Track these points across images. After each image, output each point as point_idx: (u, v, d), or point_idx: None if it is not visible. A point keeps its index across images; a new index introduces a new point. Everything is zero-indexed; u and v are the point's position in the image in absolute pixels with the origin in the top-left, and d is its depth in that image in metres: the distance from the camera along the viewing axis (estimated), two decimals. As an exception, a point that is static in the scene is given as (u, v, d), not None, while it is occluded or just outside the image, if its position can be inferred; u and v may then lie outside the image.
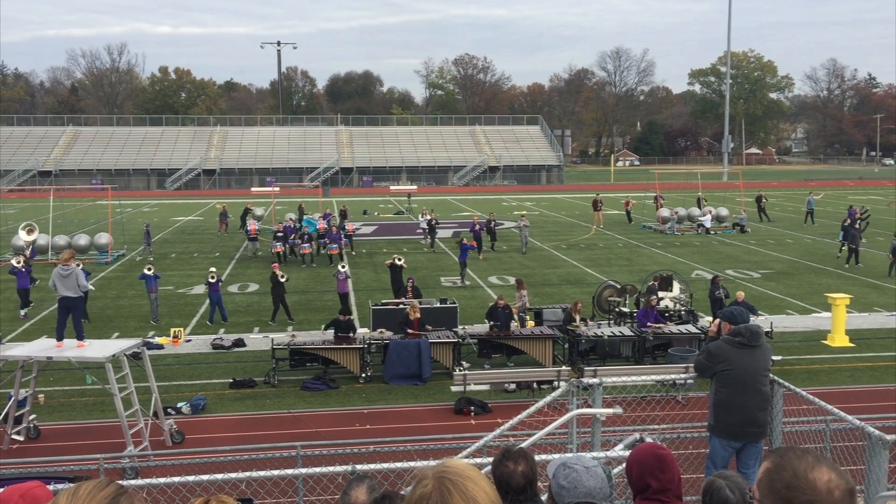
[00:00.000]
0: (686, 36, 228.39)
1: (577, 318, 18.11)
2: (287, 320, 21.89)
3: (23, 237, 29.58)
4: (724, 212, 42.82)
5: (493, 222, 36.17)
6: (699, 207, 44.04)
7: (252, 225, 33.88)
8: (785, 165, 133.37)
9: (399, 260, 23.28)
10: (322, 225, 33.88)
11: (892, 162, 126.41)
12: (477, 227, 33.74)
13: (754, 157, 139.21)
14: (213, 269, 22.91)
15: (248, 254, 33.89)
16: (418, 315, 17.42)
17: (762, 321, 20.17)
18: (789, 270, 29.38)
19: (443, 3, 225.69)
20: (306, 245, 31.94)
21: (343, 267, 22.73)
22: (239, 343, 19.53)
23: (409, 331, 17.17)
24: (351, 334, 17.24)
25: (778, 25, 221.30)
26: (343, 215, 39.62)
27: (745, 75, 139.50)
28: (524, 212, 45.92)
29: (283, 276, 22.21)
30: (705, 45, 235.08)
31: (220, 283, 21.85)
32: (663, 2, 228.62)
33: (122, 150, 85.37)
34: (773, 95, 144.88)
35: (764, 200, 46.34)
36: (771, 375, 7.08)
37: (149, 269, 22.09)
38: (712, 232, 40.42)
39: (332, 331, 17.52)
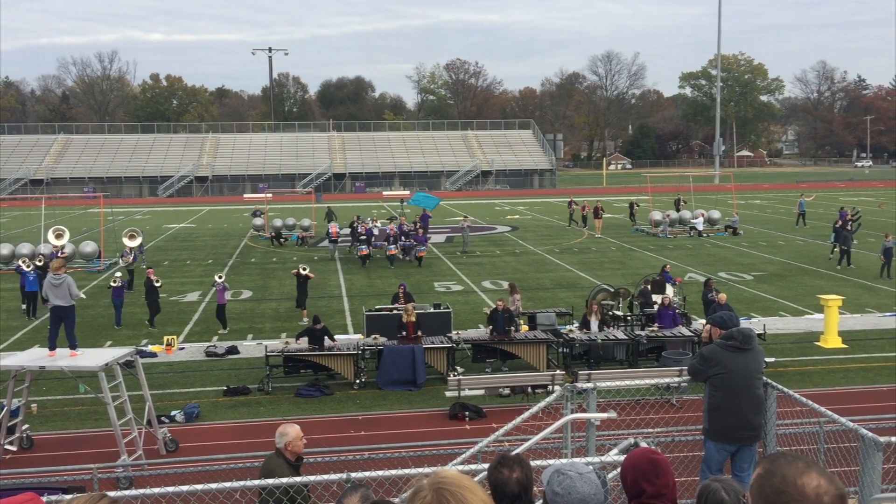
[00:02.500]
0: (677, 39, 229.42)
1: (595, 321, 18.04)
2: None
3: (52, 241, 29.53)
4: (715, 214, 42.95)
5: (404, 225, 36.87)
6: (677, 210, 44.19)
7: (334, 228, 34.88)
8: (776, 168, 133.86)
9: (304, 270, 22.96)
10: (392, 228, 34.11)
11: (867, 164, 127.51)
12: (405, 226, 34.18)
13: (745, 159, 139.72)
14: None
15: (328, 256, 34.56)
16: (413, 318, 17.37)
17: (755, 323, 20.23)
18: (781, 272, 29.47)
19: (436, 8, 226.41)
20: (392, 247, 32.45)
21: (220, 277, 21.86)
22: (232, 350, 19.48)
23: (404, 333, 17.13)
24: (326, 342, 17.00)
25: (768, 28, 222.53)
26: (330, 216, 40.00)
27: (735, 78, 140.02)
28: (465, 214, 46.47)
29: (304, 269, 22.52)
30: (696, 48, 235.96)
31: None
32: (654, 6, 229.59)
33: (114, 157, 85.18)
34: (764, 98, 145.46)
35: (636, 206, 45.57)
36: (764, 378, 7.10)
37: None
38: (704, 234, 40.51)
39: (306, 340, 17.23)
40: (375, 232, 33.99)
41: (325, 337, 17.01)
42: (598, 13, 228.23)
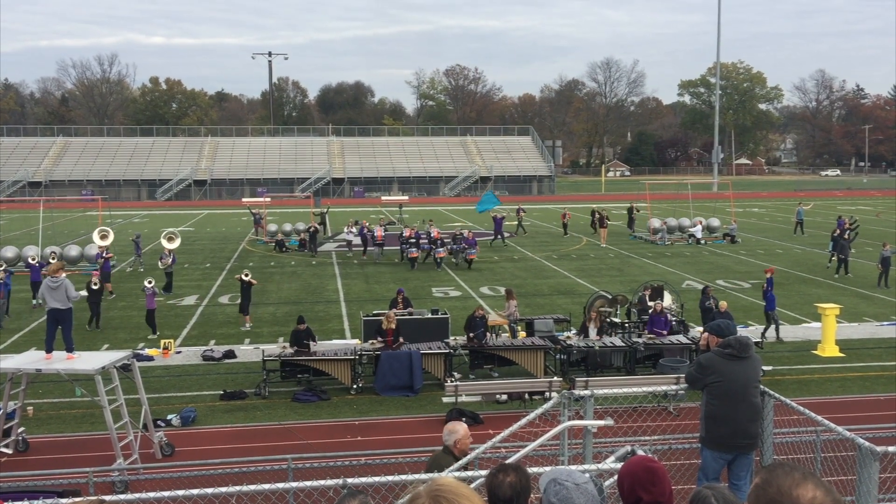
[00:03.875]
0: (676, 47, 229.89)
1: (593, 328, 18.06)
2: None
3: (97, 241, 29.66)
4: (714, 222, 42.99)
5: (364, 228, 37.83)
6: (629, 215, 44.19)
7: (379, 231, 35.50)
8: (774, 176, 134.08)
9: (246, 276, 22.97)
10: (437, 232, 34.64)
11: (837, 173, 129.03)
12: (365, 229, 36.38)
13: (744, 167, 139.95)
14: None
15: (374, 258, 34.99)
16: (393, 325, 17.34)
17: (752, 332, 20.24)
18: (779, 281, 29.41)
19: (436, 14, 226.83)
20: (441, 249, 32.95)
21: (150, 282, 21.94)
22: (229, 354, 19.46)
23: (379, 338, 17.15)
24: (311, 343, 17.10)
25: (767, 37, 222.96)
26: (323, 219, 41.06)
27: (734, 86, 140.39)
28: (431, 219, 46.93)
29: (247, 275, 22.55)
30: (695, 56, 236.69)
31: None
32: (654, 13, 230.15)
33: (113, 160, 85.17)
34: (763, 106, 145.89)
35: (636, 211, 45.06)
36: (761, 386, 7.09)
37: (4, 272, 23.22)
38: (703, 242, 40.55)
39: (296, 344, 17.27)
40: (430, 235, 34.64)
41: (308, 339, 17.08)
42: (598, 20, 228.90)
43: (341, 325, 22.95)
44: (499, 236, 39.68)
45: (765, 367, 15.39)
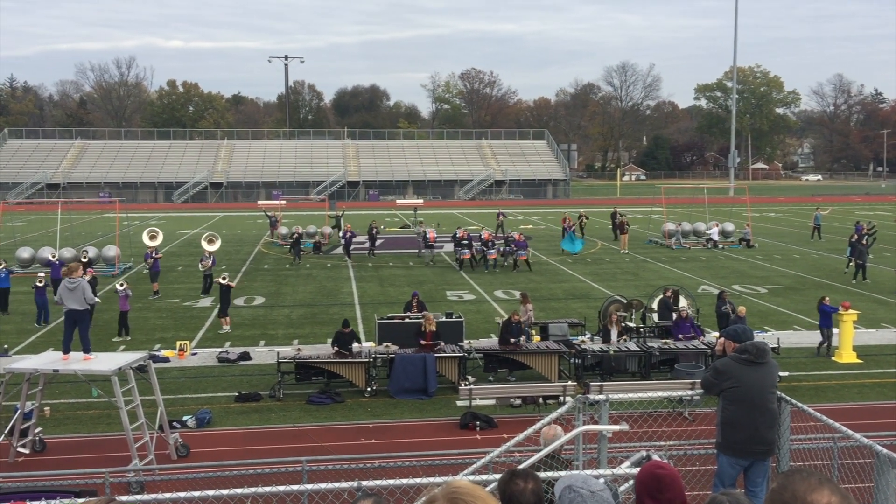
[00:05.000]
0: (692, 51, 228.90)
1: (615, 330, 18.04)
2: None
3: (205, 247, 30.01)
4: (730, 227, 42.74)
5: (374, 229, 38.37)
6: (613, 221, 43.61)
7: (432, 233, 36.38)
8: (791, 180, 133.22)
9: (224, 279, 23.00)
10: (487, 234, 34.95)
11: (818, 178, 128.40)
12: (348, 233, 36.69)
13: (761, 172, 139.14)
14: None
15: (426, 260, 35.36)
16: (433, 328, 17.38)
17: (768, 337, 20.11)
18: (796, 286, 29.30)
19: (452, 18, 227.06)
20: (492, 251, 33.35)
21: (122, 285, 22.16)
22: (244, 356, 19.53)
23: (423, 342, 17.14)
24: (352, 346, 17.17)
25: (784, 41, 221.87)
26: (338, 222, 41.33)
27: (751, 90, 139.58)
28: (422, 219, 47.22)
29: (225, 278, 22.78)
30: (711, 60, 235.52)
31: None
32: (670, 17, 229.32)
33: (130, 163, 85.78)
34: (780, 110, 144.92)
35: (619, 217, 43.41)
36: (778, 392, 7.05)
37: None
38: (720, 246, 40.37)
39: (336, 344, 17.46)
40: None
41: (352, 342, 17.20)
42: (614, 24, 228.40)
43: (356, 327, 22.97)
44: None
45: (781, 373, 15.28)
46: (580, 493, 3.36)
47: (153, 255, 27.98)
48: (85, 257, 28.02)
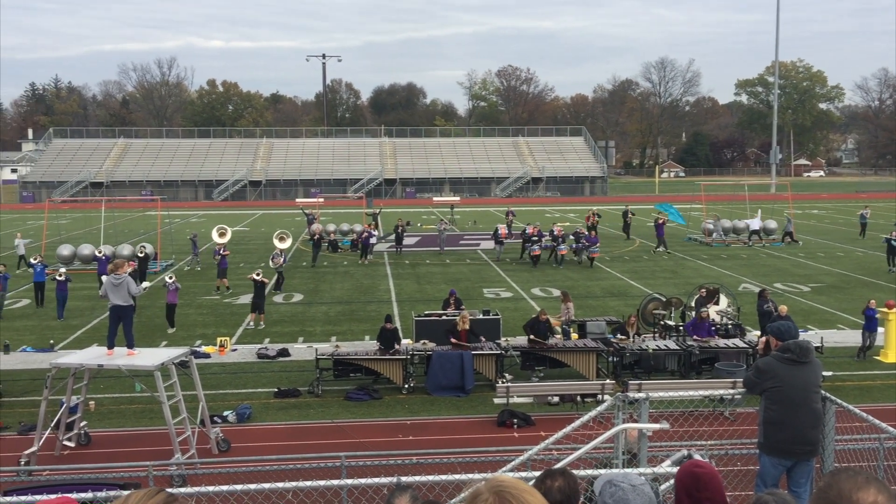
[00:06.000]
0: (733, 46, 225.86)
1: (631, 332, 17.94)
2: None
3: (277, 244, 30.60)
4: (772, 224, 42.10)
5: (401, 227, 37.98)
6: (625, 220, 42.81)
7: (503, 230, 36.43)
8: (835, 177, 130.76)
9: (258, 275, 23.20)
10: (559, 230, 35.22)
11: (820, 174, 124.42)
12: (364, 234, 35.98)
13: (803, 168, 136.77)
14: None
15: (495, 256, 35.54)
16: (467, 326, 17.38)
17: (812, 336, 19.77)
18: (840, 284, 28.76)
19: (490, 15, 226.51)
20: (563, 247, 33.74)
21: (171, 278, 22.74)
22: (283, 353, 19.72)
23: (453, 340, 17.14)
24: (396, 345, 17.25)
25: (827, 35, 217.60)
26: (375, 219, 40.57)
27: (793, 85, 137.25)
28: (444, 218, 47.00)
29: (258, 274, 22.94)
30: (752, 55, 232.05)
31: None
32: (710, 12, 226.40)
33: (171, 161, 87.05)
34: (823, 106, 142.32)
35: (630, 216, 43.15)
36: (823, 392, 6.93)
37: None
38: (761, 233, 39.98)
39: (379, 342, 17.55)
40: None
41: (395, 339, 17.28)
42: (653, 20, 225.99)
43: (393, 324, 23.06)
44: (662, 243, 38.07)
45: (825, 373, 15.02)
46: (621, 487, 3.35)
47: (221, 251, 28.49)
48: (142, 252, 28.72)
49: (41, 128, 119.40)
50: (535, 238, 34.05)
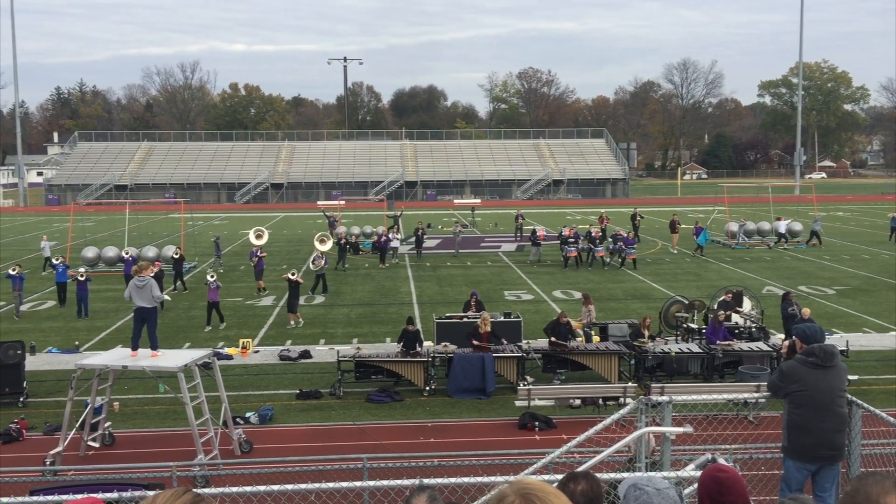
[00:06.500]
0: (756, 47, 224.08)
1: (647, 333, 17.85)
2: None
3: (317, 247, 30.84)
4: (797, 226, 41.69)
5: (420, 230, 37.90)
6: (633, 223, 42.37)
7: (541, 231, 36.54)
8: (860, 179, 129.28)
9: (293, 275, 23.29)
10: (597, 231, 35.52)
11: (822, 176, 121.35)
12: (383, 237, 35.78)
13: (828, 170, 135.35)
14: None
15: (531, 258, 35.51)
16: (489, 328, 17.35)
17: (837, 339, 19.55)
18: (866, 287, 28.43)
19: (512, 17, 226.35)
20: (600, 248, 33.91)
21: (212, 276, 23.34)
22: (305, 354, 19.80)
23: (475, 342, 17.12)
24: (417, 346, 17.27)
25: (852, 35, 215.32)
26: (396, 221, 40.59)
27: (818, 86, 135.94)
28: (459, 220, 46.81)
29: (293, 273, 23.24)
30: (776, 56, 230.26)
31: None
32: (734, 13, 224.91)
33: (194, 164, 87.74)
34: (848, 107, 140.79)
35: (639, 218, 42.58)
36: (849, 396, 6.86)
37: (13, 270, 24.83)
38: (786, 237, 39.59)
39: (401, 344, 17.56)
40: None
41: (417, 341, 17.31)
42: (675, 21, 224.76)
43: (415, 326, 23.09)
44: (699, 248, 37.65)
45: (851, 377, 14.85)
46: (646, 491, 3.34)
47: (258, 253, 28.71)
48: (177, 254, 29.08)
49: (66, 131, 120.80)
50: (571, 240, 34.14)
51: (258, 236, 31.40)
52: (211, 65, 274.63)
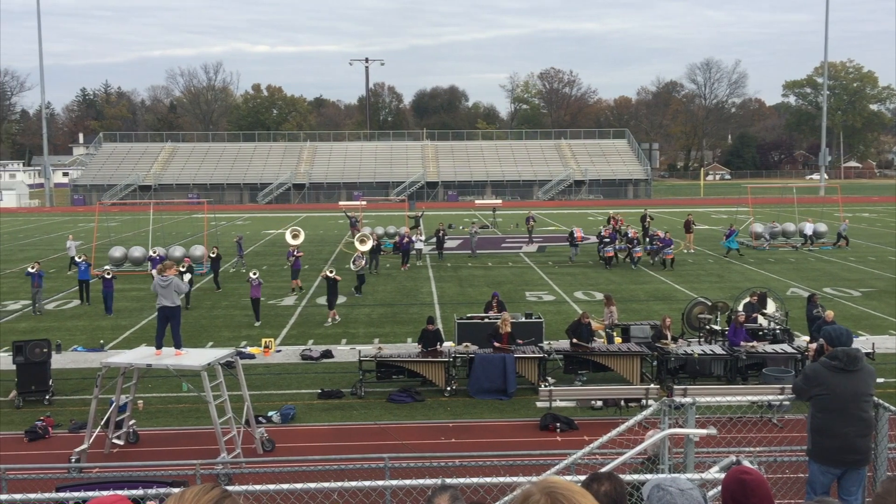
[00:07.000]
0: (780, 47, 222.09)
1: (669, 334, 17.74)
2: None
3: (358, 247, 31.06)
4: (822, 227, 41.25)
5: (441, 232, 37.80)
6: (643, 224, 41.86)
7: (578, 232, 36.67)
8: (886, 179, 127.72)
9: (331, 273, 23.44)
10: (634, 231, 35.54)
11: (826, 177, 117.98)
12: (405, 239, 35.44)
13: (853, 170, 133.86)
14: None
15: (571, 258, 35.76)
16: (509, 329, 17.33)
17: (863, 342, 19.32)
18: (892, 289, 28.07)
19: (533, 17, 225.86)
20: (638, 248, 33.93)
21: (255, 273, 23.76)
22: (327, 354, 19.88)
23: (497, 344, 17.11)
24: (438, 345, 17.29)
25: (878, 35, 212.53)
26: (417, 222, 40.16)
27: (843, 86, 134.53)
28: (477, 220, 46.55)
29: (332, 271, 23.62)
30: (801, 55, 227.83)
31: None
32: (758, 13, 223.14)
33: (217, 165, 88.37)
34: (874, 107, 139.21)
35: (648, 220, 41.50)
36: (876, 399, 6.78)
37: (32, 268, 25.20)
38: (813, 240, 39.19)
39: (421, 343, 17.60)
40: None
41: (438, 338, 17.34)
42: (699, 21, 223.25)
43: (435, 325, 23.11)
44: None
45: (878, 380, 14.67)
46: (669, 492, 3.32)
47: (294, 253, 28.91)
48: (214, 253, 29.40)
49: (91, 132, 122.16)
50: (608, 240, 34.18)
51: (294, 236, 31.55)
52: (234, 66, 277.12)
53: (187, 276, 25.00)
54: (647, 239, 35.17)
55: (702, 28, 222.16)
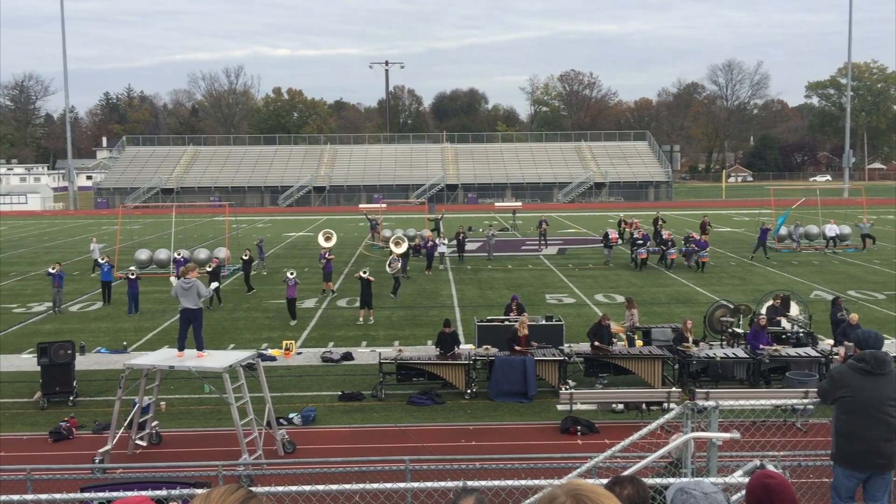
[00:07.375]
0: (803, 47, 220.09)
1: (690, 337, 17.62)
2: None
3: (393, 249, 31.28)
4: (846, 230, 40.82)
5: (462, 234, 37.67)
6: (655, 227, 41.55)
7: (613, 234, 37.02)
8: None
9: (364, 273, 23.57)
10: (668, 233, 35.73)
11: (827, 178, 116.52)
12: (430, 242, 35.28)
13: (877, 172, 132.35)
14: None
15: (605, 260, 35.92)
16: (526, 332, 17.31)
17: (888, 346, 19.10)
18: (917, 292, 27.71)
19: (553, 20, 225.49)
20: (672, 251, 33.96)
21: (292, 273, 24.15)
22: (347, 356, 19.93)
23: (517, 347, 17.08)
24: (456, 348, 17.29)
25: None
26: (437, 226, 40.18)
27: (867, 87, 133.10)
28: (497, 222, 46.29)
29: (365, 272, 24.00)
30: (824, 56, 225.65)
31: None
32: (780, 13, 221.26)
33: (238, 168, 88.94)
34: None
35: (661, 223, 41.64)
36: (901, 403, 6.69)
37: (53, 268, 25.95)
38: (835, 243, 38.77)
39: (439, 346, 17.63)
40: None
41: (455, 341, 17.36)
42: (720, 22, 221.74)
43: (455, 329, 23.10)
44: (761, 248, 36.88)
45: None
46: (693, 495, 3.30)
47: (326, 255, 29.04)
48: (246, 255, 29.70)
49: (115, 136, 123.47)
50: (641, 241, 34.15)
51: (327, 238, 31.67)
52: (255, 69, 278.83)
53: (213, 284, 25.18)
54: (683, 241, 34.99)
55: (723, 29, 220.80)
